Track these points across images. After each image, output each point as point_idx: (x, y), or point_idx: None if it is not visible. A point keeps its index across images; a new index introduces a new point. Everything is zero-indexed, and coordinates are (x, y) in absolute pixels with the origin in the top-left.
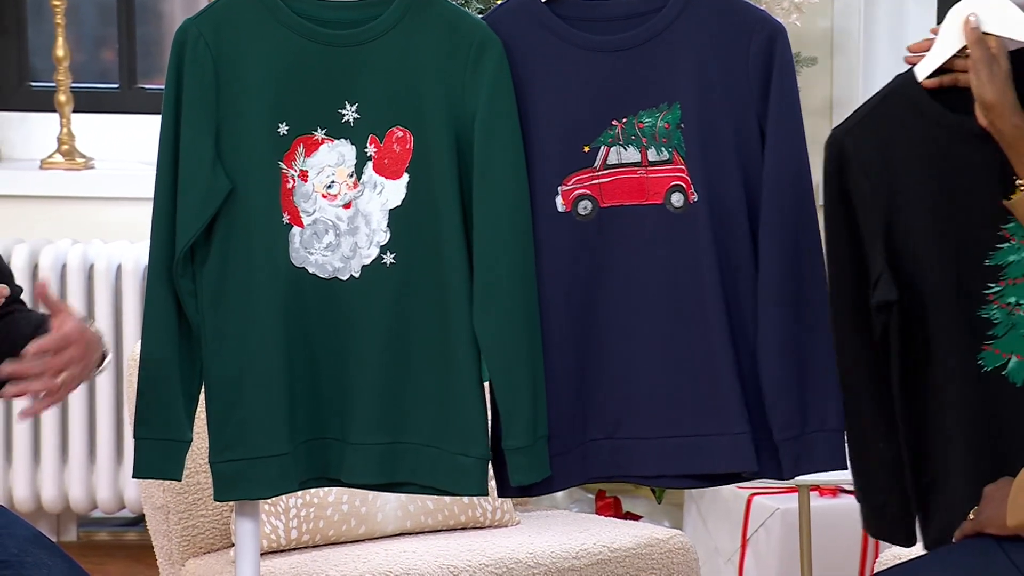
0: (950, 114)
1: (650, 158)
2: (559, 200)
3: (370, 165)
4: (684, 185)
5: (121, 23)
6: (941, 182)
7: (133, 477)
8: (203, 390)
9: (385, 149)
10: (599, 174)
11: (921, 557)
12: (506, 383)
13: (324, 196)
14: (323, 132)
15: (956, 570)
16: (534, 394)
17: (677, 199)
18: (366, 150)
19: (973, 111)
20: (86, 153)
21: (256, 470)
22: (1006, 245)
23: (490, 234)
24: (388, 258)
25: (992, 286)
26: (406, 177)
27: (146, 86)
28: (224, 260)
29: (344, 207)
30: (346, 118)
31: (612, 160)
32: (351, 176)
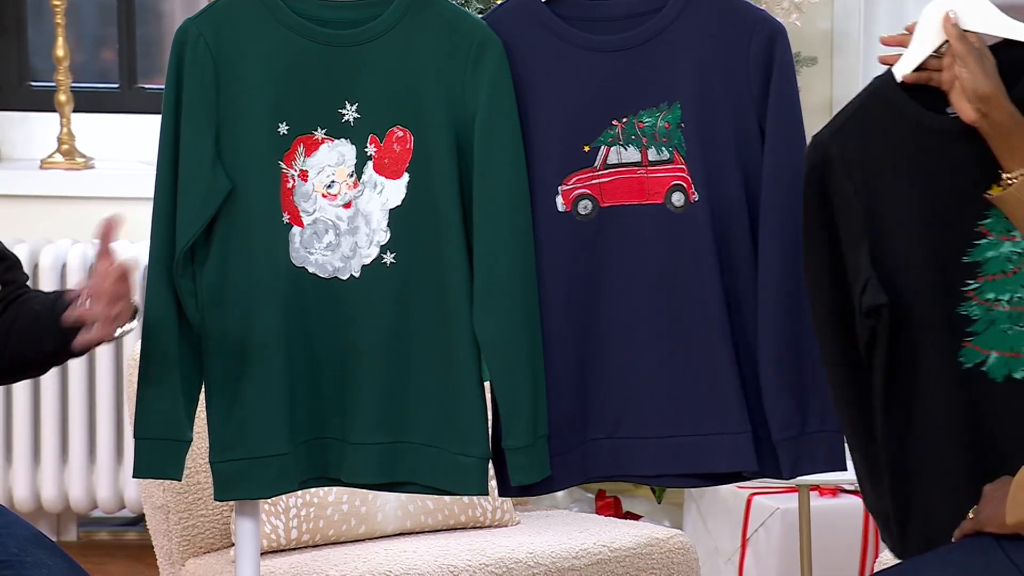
0: (929, 113)
1: (650, 158)
2: (559, 200)
3: (370, 165)
4: (685, 185)
5: (121, 23)
6: (922, 182)
7: (133, 477)
8: (203, 390)
9: (385, 149)
10: (599, 174)
11: (921, 557)
12: (506, 383)
13: (324, 196)
14: (323, 132)
15: (956, 570)
16: (534, 394)
17: (678, 199)
18: (366, 150)
19: (946, 110)
20: (86, 153)
21: (256, 470)
22: (983, 241)
23: (490, 234)
24: (388, 258)
25: (971, 283)
26: (406, 177)
27: (146, 86)
28: (224, 260)
29: (344, 207)
30: (346, 118)
31: (612, 160)
32: (351, 176)
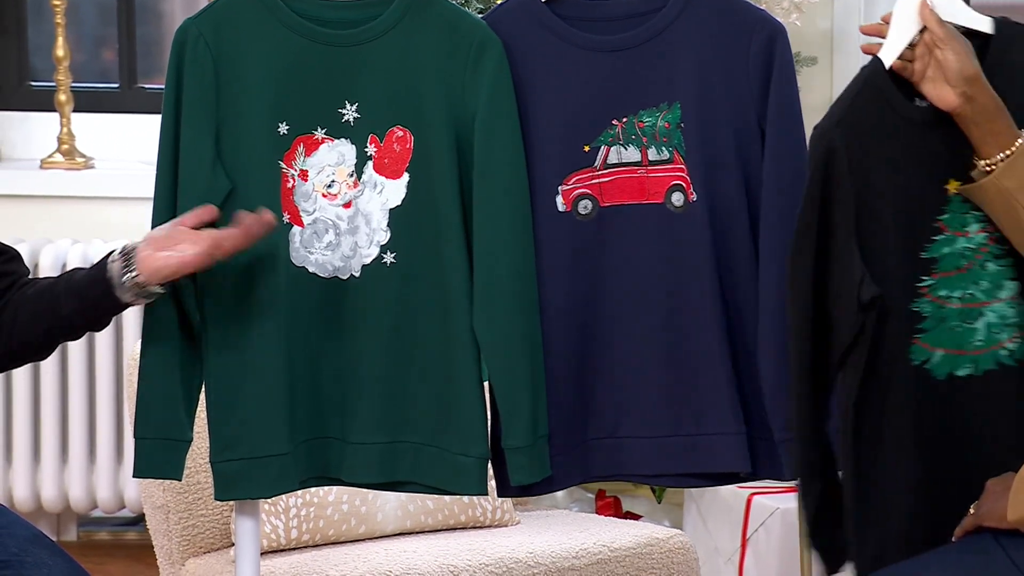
0: (908, 103)
1: (650, 157)
2: (559, 200)
3: (370, 165)
4: (684, 184)
5: (121, 23)
6: (902, 175)
7: (133, 477)
8: (203, 389)
9: (385, 149)
10: (599, 173)
11: (920, 556)
12: (506, 383)
13: (324, 195)
14: (323, 132)
15: (956, 569)
16: (534, 393)
17: (677, 199)
18: (366, 150)
19: (915, 101)
20: (86, 153)
21: (256, 470)
22: (940, 237)
23: (490, 234)
24: (388, 257)
25: (925, 279)
26: (406, 177)
27: (146, 86)
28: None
29: (344, 206)
30: (346, 118)
31: (612, 159)
32: (351, 175)
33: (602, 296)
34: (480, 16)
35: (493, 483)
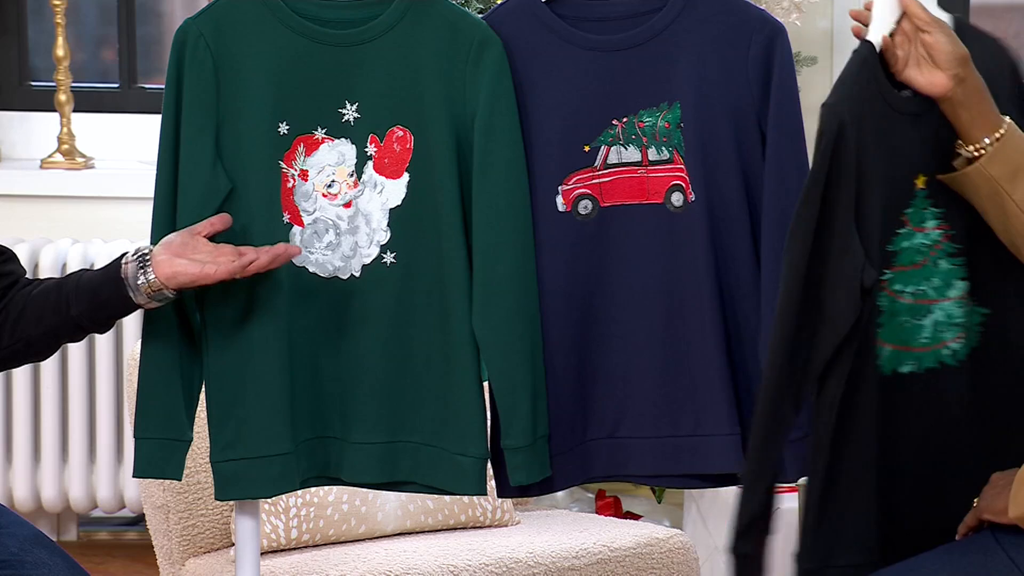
0: (894, 91)
1: (650, 157)
2: (559, 199)
3: (370, 164)
4: (683, 184)
5: (121, 23)
6: (885, 163)
7: (133, 476)
8: (203, 389)
9: (385, 148)
10: (599, 173)
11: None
12: (506, 383)
13: (324, 195)
14: (323, 131)
15: (956, 568)
16: (534, 393)
17: (677, 199)
18: (366, 149)
19: (899, 91)
20: (86, 153)
21: (257, 469)
22: (903, 231)
23: (490, 233)
24: (388, 257)
25: (887, 272)
26: (406, 176)
27: (146, 86)
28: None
29: (344, 206)
30: (346, 117)
31: (612, 159)
32: (351, 175)
33: (602, 296)
34: (480, 16)
35: (493, 483)
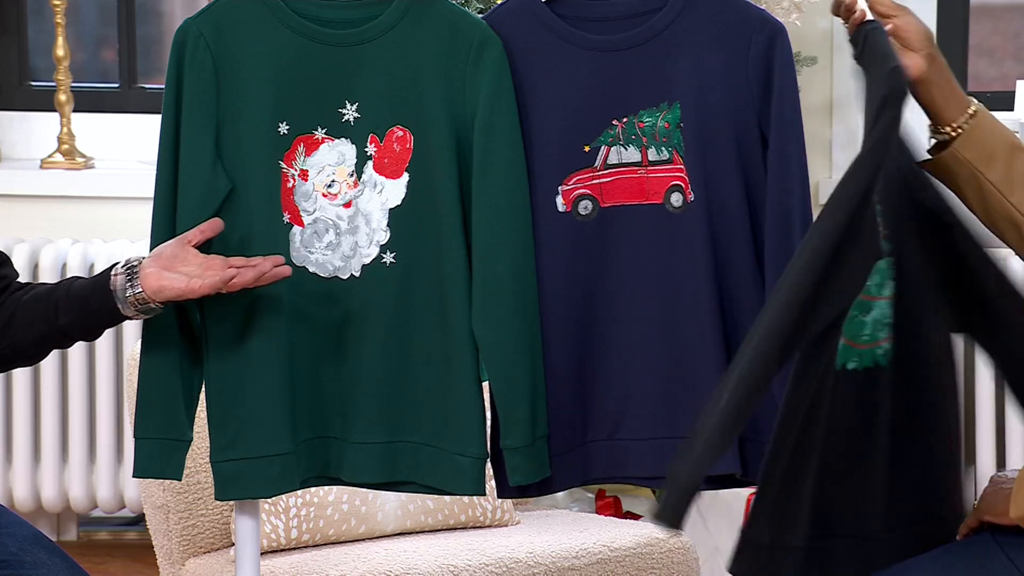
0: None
1: (650, 158)
2: (559, 200)
3: (370, 164)
4: (683, 185)
5: (121, 23)
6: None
7: (133, 476)
8: (203, 389)
9: (385, 148)
10: (599, 174)
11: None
12: (505, 383)
13: (324, 195)
14: (323, 131)
15: (955, 570)
16: (533, 394)
17: (676, 199)
18: (366, 149)
19: None
20: (86, 153)
21: (257, 469)
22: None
23: (490, 234)
24: (388, 257)
25: None
26: (406, 176)
27: (146, 86)
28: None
29: (344, 206)
30: (346, 117)
31: (612, 160)
32: (351, 175)
33: (602, 297)
34: (480, 16)
35: (493, 483)
